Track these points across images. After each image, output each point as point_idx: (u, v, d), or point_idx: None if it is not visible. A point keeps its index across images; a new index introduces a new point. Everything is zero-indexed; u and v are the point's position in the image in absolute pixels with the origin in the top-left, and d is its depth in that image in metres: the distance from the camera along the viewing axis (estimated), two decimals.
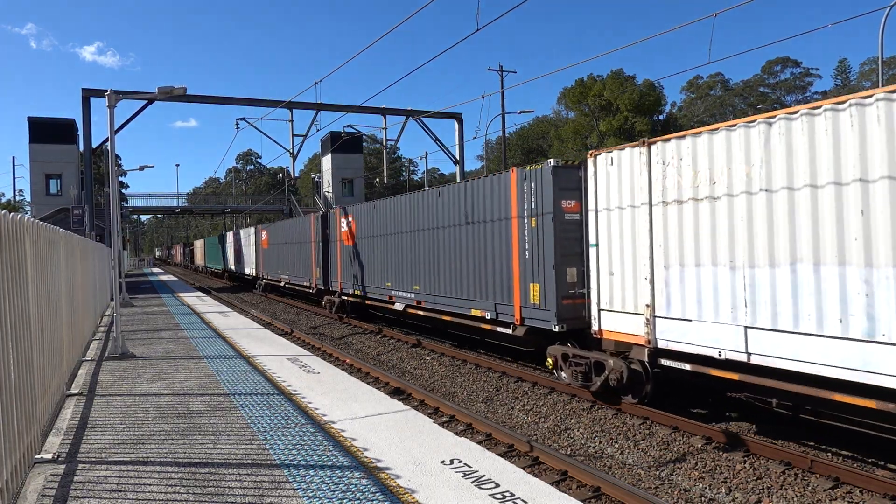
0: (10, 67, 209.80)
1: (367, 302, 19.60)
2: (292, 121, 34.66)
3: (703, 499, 6.86)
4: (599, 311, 9.81)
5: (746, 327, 7.61)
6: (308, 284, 25.66)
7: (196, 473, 5.49)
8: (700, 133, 8.28)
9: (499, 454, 7.41)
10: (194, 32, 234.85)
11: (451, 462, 5.75)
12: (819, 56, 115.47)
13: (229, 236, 47.79)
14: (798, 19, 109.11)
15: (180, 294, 29.65)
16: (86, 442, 6.51)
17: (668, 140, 8.72)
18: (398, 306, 17.03)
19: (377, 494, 4.98)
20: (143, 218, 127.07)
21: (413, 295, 16.05)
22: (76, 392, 8.86)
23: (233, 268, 45.44)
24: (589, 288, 10.17)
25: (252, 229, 38.02)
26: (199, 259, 69.46)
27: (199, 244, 71.33)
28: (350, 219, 20.72)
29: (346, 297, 21.43)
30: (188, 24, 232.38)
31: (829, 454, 7.68)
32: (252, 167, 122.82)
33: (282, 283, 30.41)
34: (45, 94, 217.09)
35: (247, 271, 39.84)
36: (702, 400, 9.97)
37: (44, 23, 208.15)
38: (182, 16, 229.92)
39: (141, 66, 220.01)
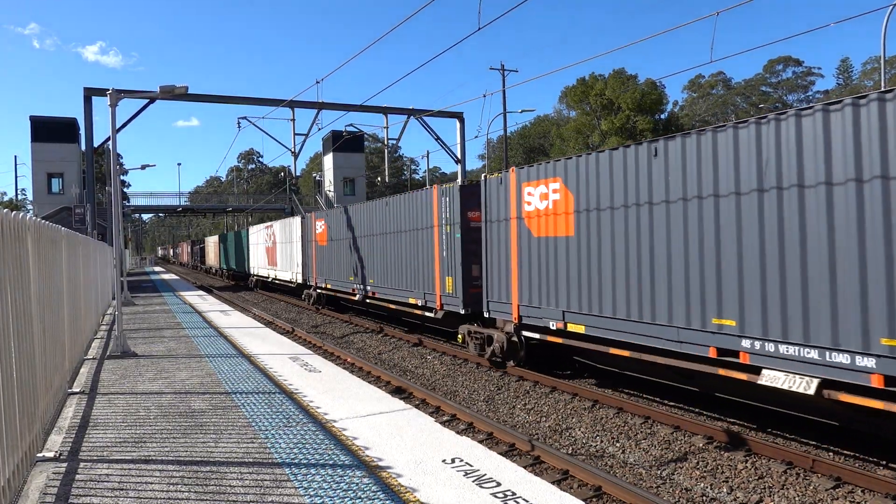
0: (12, 67, 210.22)
1: (626, 355, 9.66)
2: (294, 120, 34.64)
3: (704, 498, 6.85)
4: None
5: None
6: (422, 303, 15.61)
7: (198, 472, 5.49)
8: None
9: (500, 453, 7.41)
10: (196, 32, 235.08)
11: (453, 461, 5.75)
12: (821, 55, 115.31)
13: (257, 231, 37.46)
14: (800, 18, 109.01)
15: (182, 293, 29.67)
16: (87, 440, 6.51)
17: None
18: None
19: (378, 493, 4.98)
20: (145, 217, 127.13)
21: None
22: (78, 390, 8.87)
23: (263, 271, 35.59)
24: None
25: (294, 220, 28.56)
26: (212, 259, 59.72)
27: (212, 241, 60.78)
28: (555, 186, 10.71)
29: (531, 334, 11.60)
30: (189, 24, 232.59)
31: (831, 454, 7.67)
32: (253, 166, 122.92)
33: (355, 297, 20.60)
34: (48, 93, 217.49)
35: (285, 276, 30.49)
36: None
37: (47, 22, 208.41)
38: (183, 15, 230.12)
39: (144, 66, 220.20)
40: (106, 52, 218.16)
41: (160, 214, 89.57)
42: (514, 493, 4.98)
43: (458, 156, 40.90)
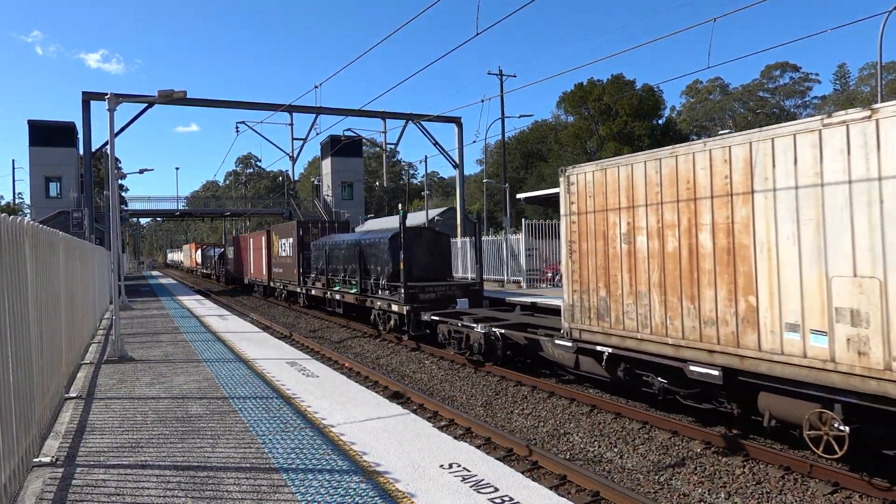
0: (15, 74, 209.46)
1: None
2: (292, 124, 34.67)
3: (702, 503, 6.85)
4: None
5: None
6: None
7: (194, 477, 5.47)
8: None
9: (498, 458, 7.40)
10: (197, 38, 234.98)
11: (450, 466, 5.74)
12: (818, 61, 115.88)
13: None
14: (797, 24, 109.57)
15: (179, 297, 29.62)
16: (84, 445, 6.49)
17: None
18: None
19: (376, 499, 4.97)
20: (143, 221, 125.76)
21: None
22: (75, 395, 8.85)
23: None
24: None
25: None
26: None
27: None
28: None
29: None
30: (190, 30, 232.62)
31: (829, 459, 7.66)
32: (252, 170, 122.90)
33: None
34: (50, 100, 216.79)
35: None
36: None
37: (49, 30, 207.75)
38: (184, 22, 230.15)
39: (146, 74, 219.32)
40: (108, 59, 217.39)
41: (158, 218, 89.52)
42: (511, 498, 4.98)
43: (457, 160, 40.95)
